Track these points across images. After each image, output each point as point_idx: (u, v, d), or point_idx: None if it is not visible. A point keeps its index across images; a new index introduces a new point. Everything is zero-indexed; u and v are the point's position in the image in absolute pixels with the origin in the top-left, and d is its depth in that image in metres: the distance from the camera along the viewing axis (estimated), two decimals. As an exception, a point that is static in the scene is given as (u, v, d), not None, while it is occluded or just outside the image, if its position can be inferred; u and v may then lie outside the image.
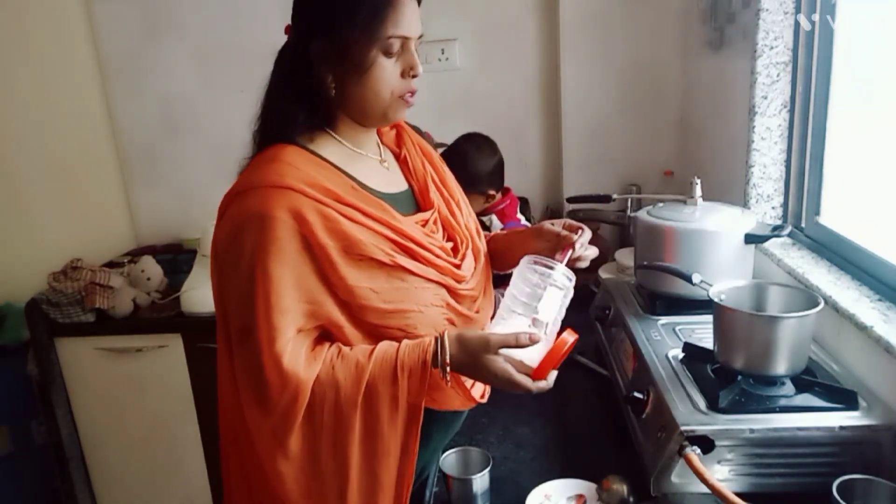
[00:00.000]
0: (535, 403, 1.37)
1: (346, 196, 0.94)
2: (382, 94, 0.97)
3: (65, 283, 2.06)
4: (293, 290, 0.90)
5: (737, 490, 0.91)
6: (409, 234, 0.98)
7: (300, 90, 0.98)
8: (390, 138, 1.14)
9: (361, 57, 0.94)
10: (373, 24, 0.93)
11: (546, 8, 2.23)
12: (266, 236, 0.89)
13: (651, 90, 2.17)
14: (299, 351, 0.91)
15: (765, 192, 1.56)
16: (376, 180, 1.04)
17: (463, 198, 1.18)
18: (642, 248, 1.40)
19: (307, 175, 0.93)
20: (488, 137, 1.71)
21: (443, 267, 1.01)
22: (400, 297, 0.96)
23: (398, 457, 0.95)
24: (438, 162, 1.18)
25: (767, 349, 1.00)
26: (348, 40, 0.94)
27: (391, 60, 0.96)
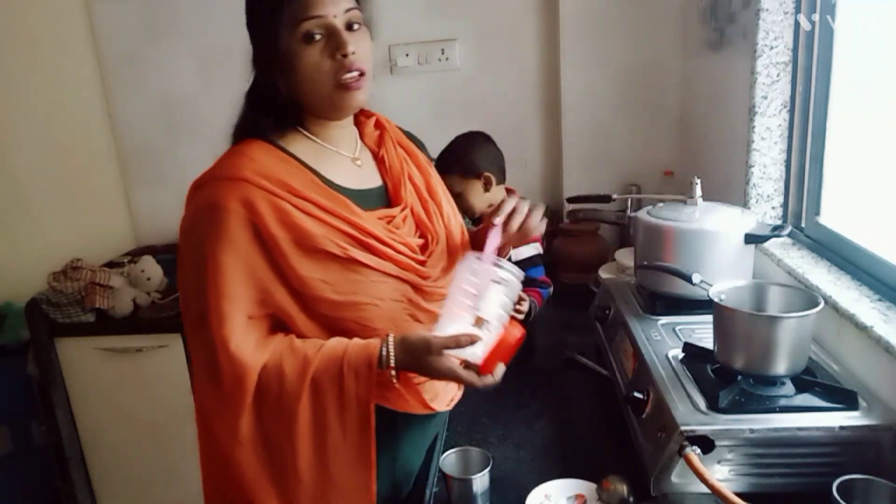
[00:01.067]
0: (535, 403, 1.38)
1: (302, 189, 0.96)
2: (317, 83, 0.97)
3: (65, 283, 2.06)
4: (242, 278, 0.93)
5: (737, 490, 0.91)
6: (367, 228, 0.99)
7: (263, 95, 1.01)
8: (373, 139, 1.15)
9: (282, 51, 0.95)
10: (279, 14, 0.93)
11: (546, 8, 2.23)
12: (217, 226, 0.92)
13: (651, 90, 2.17)
14: (248, 337, 0.94)
15: (765, 192, 1.56)
16: (344, 176, 1.05)
17: (448, 201, 1.19)
18: (642, 248, 1.40)
19: (264, 168, 0.95)
20: (482, 132, 1.72)
21: (404, 263, 1.02)
22: (353, 290, 0.97)
23: (353, 456, 0.97)
24: (425, 163, 1.19)
25: (767, 349, 1.00)
26: (269, 37, 0.95)
27: (316, 47, 0.95)
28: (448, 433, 1.28)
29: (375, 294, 0.99)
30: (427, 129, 1.98)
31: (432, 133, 1.82)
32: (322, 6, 0.94)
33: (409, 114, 2.34)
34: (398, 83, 2.34)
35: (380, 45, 2.31)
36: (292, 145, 1.03)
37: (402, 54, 2.31)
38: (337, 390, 0.94)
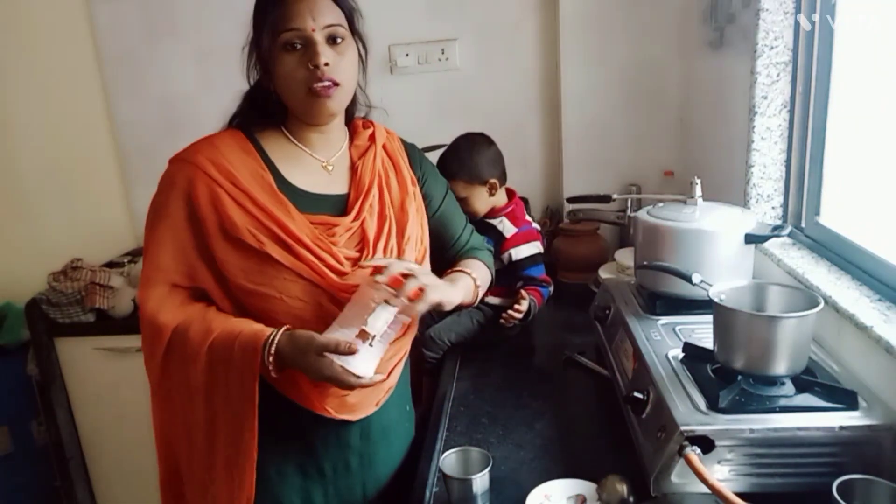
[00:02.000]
0: (535, 403, 1.38)
1: (245, 182, 1.05)
2: (292, 89, 1.05)
3: (65, 283, 2.06)
4: (172, 252, 1.06)
5: (737, 490, 0.91)
6: (291, 230, 1.04)
7: (258, 93, 1.11)
8: (360, 149, 1.20)
9: (268, 55, 1.04)
10: (264, 23, 1.03)
11: (546, 8, 2.23)
12: (162, 202, 1.07)
13: (651, 90, 2.17)
14: (166, 300, 1.06)
15: (765, 192, 1.56)
16: (305, 178, 1.12)
17: (420, 225, 1.21)
18: (642, 248, 1.40)
19: (220, 156, 1.05)
20: (483, 133, 1.72)
21: (320, 270, 1.05)
22: (263, 282, 1.04)
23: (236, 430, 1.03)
24: (409, 182, 1.22)
25: (767, 349, 1.00)
26: (259, 40, 1.05)
27: (295, 56, 1.03)
28: (448, 433, 1.28)
29: (283, 290, 1.05)
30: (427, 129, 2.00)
31: (432, 133, 1.83)
32: (301, 20, 1.02)
33: (409, 114, 2.36)
34: (398, 83, 2.34)
35: (380, 45, 2.31)
36: (267, 141, 1.12)
37: (402, 54, 2.31)
38: (226, 362, 1.02)
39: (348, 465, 1.16)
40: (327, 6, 1.05)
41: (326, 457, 1.14)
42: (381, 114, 1.25)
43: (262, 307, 1.06)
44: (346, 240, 1.11)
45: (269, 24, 1.02)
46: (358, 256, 1.11)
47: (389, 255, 1.14)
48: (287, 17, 1.02)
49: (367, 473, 1.18)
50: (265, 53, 1.05)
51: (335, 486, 1.16)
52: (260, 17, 1.05)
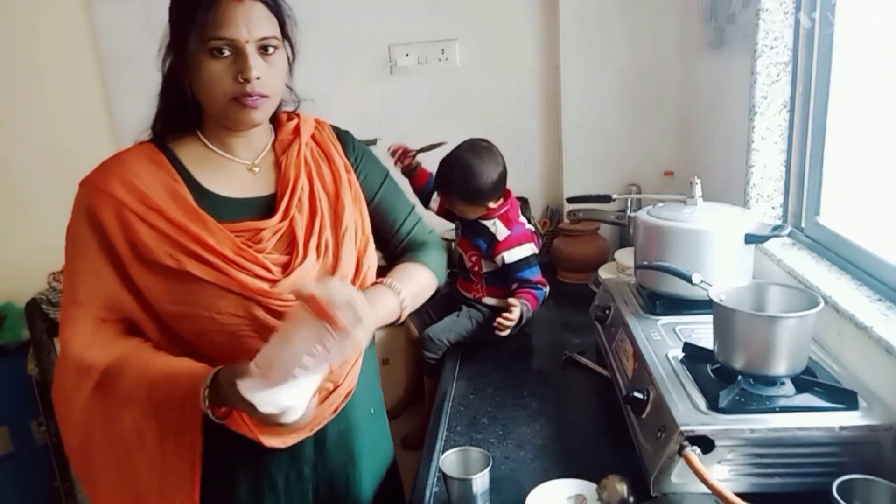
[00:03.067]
0: (535, 403, 1.38)
1: (155, 199, 0.98)
2: (214, 96, 0.98)
3: (65, 283, 2.05)
4: (91, 284, 0.99)
5: (737, 490, 0.91)
6: (212, 246, 0.97)
7: (169, 94, 1.04)
8: (284, 144, 1.12)
9: (191, 58, 0.96)
10: (189, 26, 0.94)
11: (546, 8, 2.23)
12: (73, 231, 1.02)
13: (651, 90, 2.17)
14: (94, 337, 0.99)
15: (765, 192, 1.56)
16: (228, 184, 1.05)
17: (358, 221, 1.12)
18: (642, 248, 1.40)
19: (127, 174, 0.99)
20: (491, 145, 1.67)
21: (246, 282, 0.98)
22: (191, 302, 0.98)
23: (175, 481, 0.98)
24: (342, 170, 1.14)
25: (767, 349, 1.00)
26: (180, 41, 0.96)
27: (222, 63, 0.96)
28: (448, 433, 1.28)
29: (213, 308, 0.98)
30: (427, 129, 2.00)
31: (432, 133, 1.83)
32: (235, 30, 0.94)
33: (409, 114, 2.37)
34: (398, 83, 2.34)
35: (380, 45, 2.31)
36: (183, 150, 1.05)
37: (402, 54, 2.31)
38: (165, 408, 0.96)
39: (301, 474, 1.10)
40: (263, 16, 0.97)
41: (279, 472, 1.08)
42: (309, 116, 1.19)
43: (196, 330, 1.00)
44: (275, 243, 1.04)
45: (197, 25, 0.94)
46: (288, 260, 1.03)
47: (325, 249, 1.06)
48: (218, 24, 0.94)
49: (319, 478, 1.12)
50: (187, 55, 0.96)
51: (287, 494, 1.10)
52: (183, 17, 0.96)
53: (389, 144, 1.82)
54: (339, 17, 2.30)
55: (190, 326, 1.00)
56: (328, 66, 2.33)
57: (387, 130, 2.40)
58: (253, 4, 0.96)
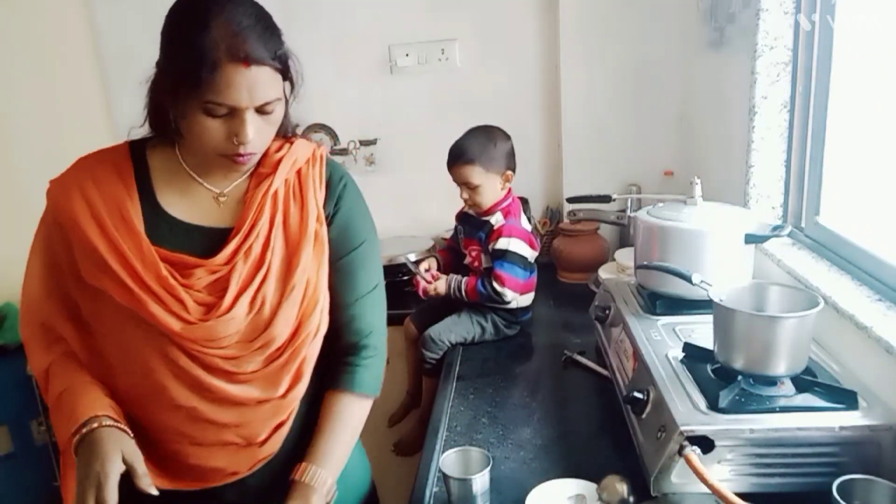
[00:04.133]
0: (535, 403, 1.38)
1: (102, 208, 0.95)
2: (204, 150, 0.93)
3: (65, 283, 2.05)
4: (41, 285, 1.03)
5: (737, 490, 0.91)
6: (134, 266, 0.93)
7: (155, 106, 0.98)
8: (259, 178, 1.02)
9: (183, 107, 0.90)
10: (187, 85, 0.87)
11: (546, 8, 2.23)
12: (38, 229, 1.05)
13: (651, 90, 2.17)
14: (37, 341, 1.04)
15: (765, 192, 1.56)
16: (189, 209, 0.99)
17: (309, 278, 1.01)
18: (642, 248, 1.40)
19: (86, 178, 0.97)
20: (499, 126, 1.73)
21: (155, 314, 0.92)
22: (107, 323, 0.97)
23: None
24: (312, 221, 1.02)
25: (767, 349, 0.99)
26: (174, 86, 0.89)
27: (216, 121, 0.90)
28: (448, 433, 1.28)
29: (125, 335, 0.95)
30: (427, 129, 2.00)
31: (432, 133, 1.83)
32: (236, 97, 0.88)
33: (409, 114, 2.37)
34: (398, 83, 2.34)
35: (380, 45, 2.31)
36: (157, 160, 1.01)
37: (402, 54, 2.31)
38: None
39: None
40: (268, 79, 0.90)
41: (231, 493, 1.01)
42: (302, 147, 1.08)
43: (118, 355, 0.98)
44: (209, 283, 0.96)
45: (195, 85, 0.86)
46: (214, 302, 0.95)
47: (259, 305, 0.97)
48: (219, 90, 0.86)
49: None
50: (180, 105, 0.90)
51: None
52: (180, 70, 0.88)
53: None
54: (339, 17, 2.30)
55: (113, 350, 0.98)
56: (328, 66, 2.33)
57: (387, 130, 2.41)
58: (259, 70, 0.88)
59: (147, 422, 0.99)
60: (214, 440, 0.99)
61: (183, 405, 0.96)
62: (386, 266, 2.05)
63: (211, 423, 0.98)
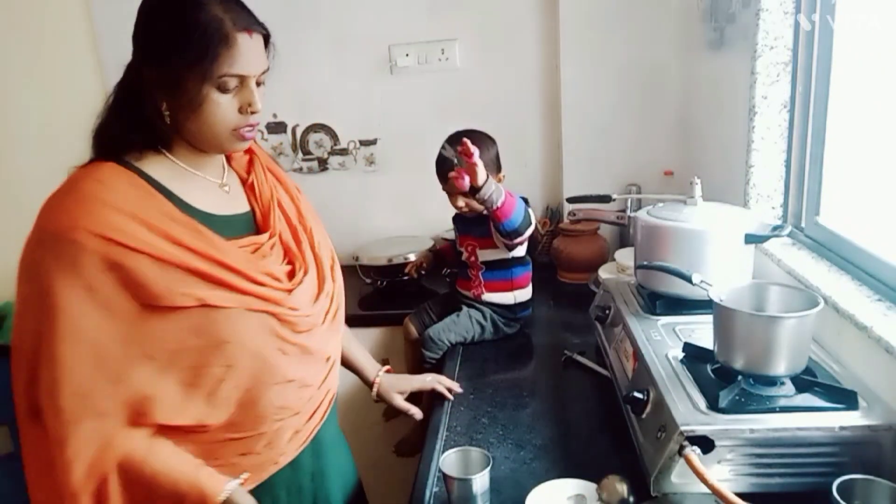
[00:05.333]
0: (535, 403, 1.38)
1: (155, 222, 0.90)
2: (217, 129, 0.96)
3: (65, 283, 2.05)
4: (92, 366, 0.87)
5: (737, 490, 0.91)
6: (226, 262, 0.94)
7: (134, 111, 0.95)
8: (241, 164, 1.13)
9: (194, 92, 0.92)
10: (204, 63, 0.90)
11: (546, 8, 2.23)
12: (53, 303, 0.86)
13: (651, 90, 2.17)
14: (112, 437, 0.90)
15: (765, 192, 1.56)
16: (208, 201, 1.02)
17: (320, 228, 1.18)
18: (642, 248, 1.40)
19: (125, 208, 0.89)
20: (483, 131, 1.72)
21: (266, 294, 0.98)
22: (217, 330, 0.93)
23: None
24: (294, 190, 1.18)
25: (767, 349, 1.00)
26: (180, 74, 0.91)
27: (227, 96, 0.94)
28: (448, 433, 1.28)
29: (239, 332, 0.95)
30: (427, 129, 2.00)
31: (432, 133, 1.83)
32: (247, 67, 0.94)
33: (409, 114, 2.37)
34: (398, 83, 2.34)
35: (380, 45, 2.31)
36: (151, 168, 0.97)
37: (402, 54, 2.30)
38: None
39: (300, 488, 1.11)
40: (263, 48, 0.98)
41: (281, 485, 1.08)
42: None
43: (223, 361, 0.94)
44: (274, 256, 1.05)
45: (210, 57, 0.90)
46: (290, 270, 1.06)
47: (312, 260, 1.10)
48: (233, 61, 0.92)
49: (318, 490, 1.15)
50: (185, 86, 0.92)
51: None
52: (189, 50, 0.90)
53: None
54: (339, 17, 2.30)
55: (217, 359, 0.94)
56: (328, 66, 2.33)
57: (387, 130, 2.41)
58: (258, 37, 0.96)
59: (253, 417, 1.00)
60: (312, 403, 1.09)
61: (293, 378, 1.03)
62: (386, 266, 2.11)
63: (308, 386, 1.07)
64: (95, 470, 0.90)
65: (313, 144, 2.43)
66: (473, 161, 1.41)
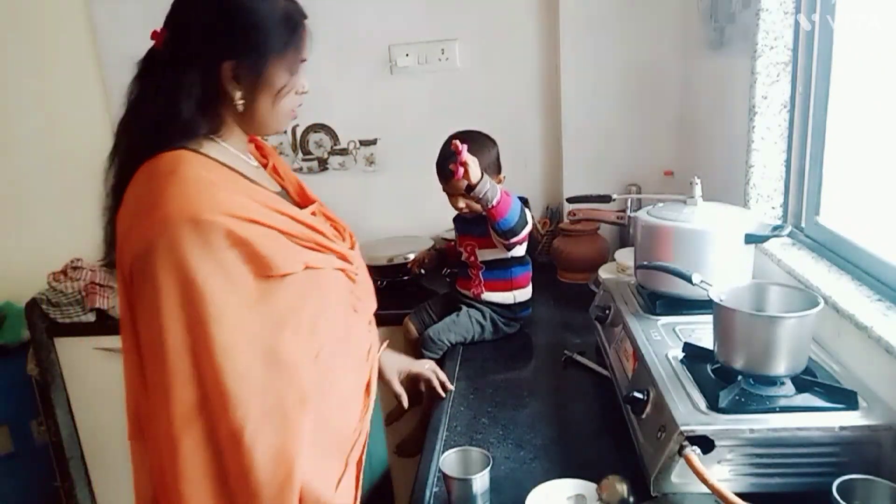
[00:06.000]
0: (535, 403, 1.38)
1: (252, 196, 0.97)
2: (285, 111, 1.06)
3: (65, 282, 2.06)
4: (252, 348, 0.91)
5: (737, 490, 0.91)
6: (314, 225, 1.03)
7: (202, 102, 0.98)
8: (251, 149, 1.16)
9: (277, 80, 1.01)
10: (287, 52, 1.01)
11: (546, 8, 2.23)
12: (205, 288, 0.87)
13: (651, 90, 2.17)
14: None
15: (765, 192, 1.56)
16: (263, 181, 1.09)
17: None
18: (642, 248, 1.40)
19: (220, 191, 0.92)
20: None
21: (342, 252, 1.09)
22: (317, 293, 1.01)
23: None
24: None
25: (767, 349, 1.00)
26: (267, 64, 1.00)
27: (294, 79, 1.05)
28: (448, 433, 1.28)
29: (334, 291, 1.06)
30: (427, 129, 1.99)
31: (432, 133, 1.83)
32: (308, 52, 1.07)
33: (409, 114, 2.37)
34: (398, 83, 2.34)
35: (380, 45, 2.31)
36: (213, 152, 1.01)
37: (402, 54, 2.31)
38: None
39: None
40: None
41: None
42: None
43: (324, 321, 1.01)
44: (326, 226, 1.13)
45: (291, 46, 1.01)
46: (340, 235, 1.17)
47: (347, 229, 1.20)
48: (305, 46, 1.05)
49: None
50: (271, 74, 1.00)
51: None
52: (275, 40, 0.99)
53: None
54: (339, 17, 2.30)
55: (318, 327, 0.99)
56: (328, 66, 2.32)
57: (387, 130, 2.41)
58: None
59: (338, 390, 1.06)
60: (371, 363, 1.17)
61: (363, 342, 1.14)
62: (386, 266, 2.10)
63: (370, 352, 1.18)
64: (282, 458, 0.90)
65: (313, 144, 2.43)
66: (463, 159, 1.41)
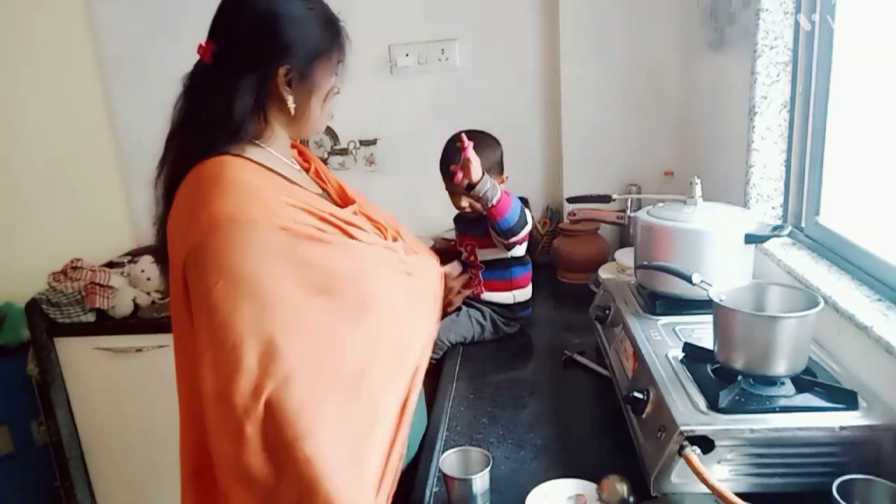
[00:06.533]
0: (535, 403, 1.38)
1: (296, 200, 0.98)
2: (327, 111, 1.10)
3: (65, 283, 2.06)
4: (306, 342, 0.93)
5: (737, 490, 0.91)
6: (352, 221, 1.06)
7: (254, 107, 1.01)
8: (293, 154, 1.20)
9: (326, 81, 1.07)
10: (333, 54, 1.06)
11: (546, 8, 2.23)
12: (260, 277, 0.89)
13: (651, 90, 2.17)
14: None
15: (765, 192, 1.56)
16: (305, 184, 1.12)
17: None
18: (642, 248, 1.40)
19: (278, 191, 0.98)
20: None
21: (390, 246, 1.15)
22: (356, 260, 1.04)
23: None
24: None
25: (767, 349, 0.99)
26: (319, 67, 1.05)
27: (336, 81, 1.10)
28: (448, 433, 1.28)
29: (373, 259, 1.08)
30: (427, 129, 2.00)
31: (432, 133, 1.83)
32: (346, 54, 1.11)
33: (409, 114, 2.37)
34: (398, 83, 2.34)
35: (380, 45, 2.31)
36: (257, 156, 1.04)
37: (402, 54, 2.31)
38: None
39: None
40: None
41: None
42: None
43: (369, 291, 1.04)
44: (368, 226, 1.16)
45: (336, 49, 1.07)
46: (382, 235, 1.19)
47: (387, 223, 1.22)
48: (345, 48, 1.09)
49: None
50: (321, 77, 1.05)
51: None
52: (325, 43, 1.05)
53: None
54: (339, 17, 2.29)
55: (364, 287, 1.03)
56: (328, 66, 2.33)
57: (387, 130, 2.41)
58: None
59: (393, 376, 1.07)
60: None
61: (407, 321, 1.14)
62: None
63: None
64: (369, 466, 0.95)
65: (313, 144, 2.43)
66: (467, 156, 1.42)
